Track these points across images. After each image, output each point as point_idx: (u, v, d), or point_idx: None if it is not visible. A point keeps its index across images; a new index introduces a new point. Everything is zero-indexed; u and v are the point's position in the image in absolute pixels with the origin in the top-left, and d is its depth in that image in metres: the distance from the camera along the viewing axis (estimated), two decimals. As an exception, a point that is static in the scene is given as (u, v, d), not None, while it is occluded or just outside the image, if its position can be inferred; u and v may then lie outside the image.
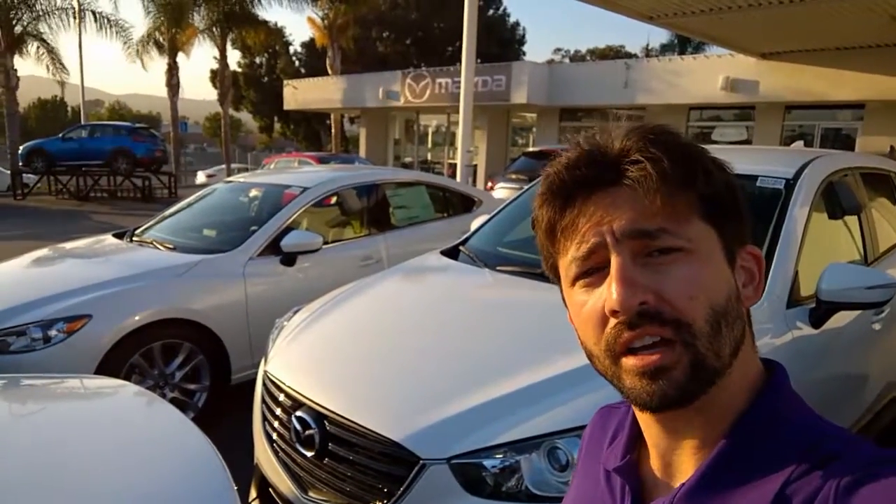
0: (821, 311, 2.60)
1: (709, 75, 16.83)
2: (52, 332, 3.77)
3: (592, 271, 0.69)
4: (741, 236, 0.72)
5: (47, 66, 23.88)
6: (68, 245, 5.44)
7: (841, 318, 2.73)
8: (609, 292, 0.66)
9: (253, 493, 2.76)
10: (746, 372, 0.70)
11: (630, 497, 0.75)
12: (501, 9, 39.42)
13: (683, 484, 0.68)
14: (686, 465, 0.71)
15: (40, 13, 23.19)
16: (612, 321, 0.67)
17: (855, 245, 3.27)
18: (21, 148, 21.44)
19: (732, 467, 0.66)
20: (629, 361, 0.67)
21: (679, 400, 0.66)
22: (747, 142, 17.40)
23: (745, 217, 0.72)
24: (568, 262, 0.72)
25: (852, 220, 3.30)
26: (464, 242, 3.69)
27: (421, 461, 2.01)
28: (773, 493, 0.62)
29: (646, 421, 0.75)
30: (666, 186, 0.66)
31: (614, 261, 0.67)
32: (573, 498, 0.87)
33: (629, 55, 40.40)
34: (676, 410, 0.68)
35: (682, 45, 37.39)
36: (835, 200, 3.17)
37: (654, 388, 0.66)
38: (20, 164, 21.28)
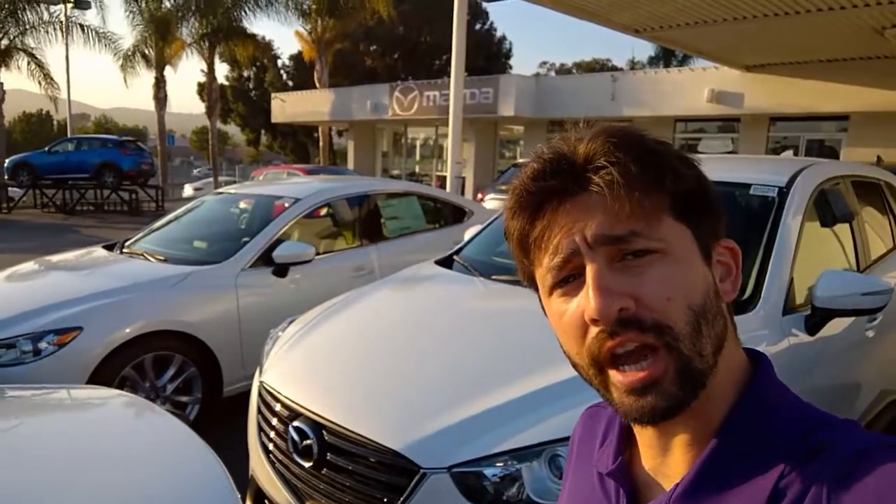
0: (816, 318, 2.62)
1: (694, 88, 16.96)
2: (42, 345, 3.73)
3: (569, 279, 0.69)
4: (715, 231, 0.71)
5: (39, 82, 23.72)
6: (56, 257, 5.38)
7: (835, 326, 2.74)
8: (587, 300, 0.65)
9: (248, 506, 2.72)
10: (731, 366, 0.70)
11: (626, 500, 0.74)
12: (488, 23, 39.65)
13: (678, 484, 0.67)
14: (679, 463, 0.70)
15: (27, 27, 23.06)
16: (594, 330, 0.66)
17: (847, 253, 3.29)
18: (6, 161, 21.27)
19: (725, 464, 0.65)
20: (616, 377, 0.66)
21: (671, 411, 0.65)
22: (732, 153, 17.54)
23: (717, 212, 0.72)
24: (544, 273, 0.71)
25: (844, 227, 3.32)
26: (458, 252, 3.69)
27: (421, 470, 2.00)
28: (770, 487, 0.62)
29: (637, 426, 0.74)
30: (634, 189, 0.65)
31: (589, 268, 0.66)
32: (567, 502, 0.86)
33: (615, 68, 40.66)
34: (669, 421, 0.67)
35: (668, 58, 37.73)
36: (827, 208, 3.19)
37: (644, 404, 0.65)
38: (5, 177, 21.10)
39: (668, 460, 0.71)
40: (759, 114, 16.63)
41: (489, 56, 37.78)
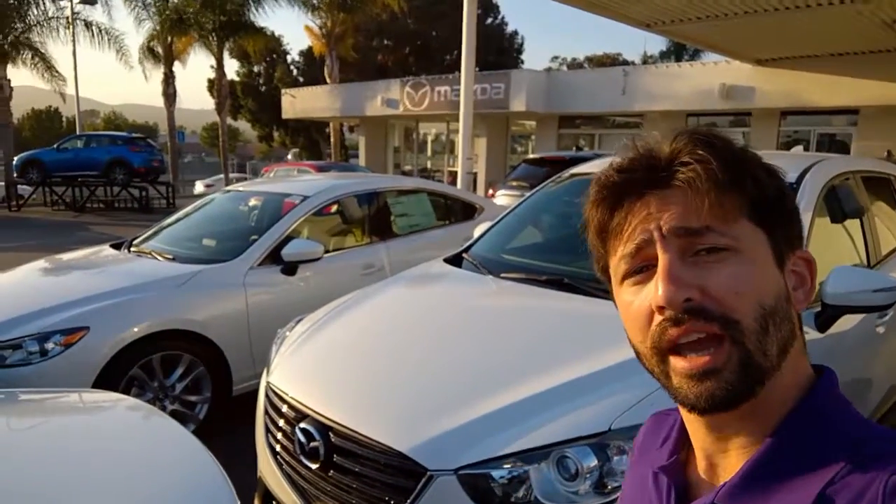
0: (826, 314, 2.59)
1: (705, 82, 16.86)
2: (49, 345, 3.71)
3: (641, 269, 0.71)
4: (791, 240, 0.73)
5: (43, 75, 23.55)
6: (65, 256, 5.39)
7: (845, 322, 2.72)
8: (655, 288, 0.67)
9: (256, 507, 2.72)
10: (797, 375, 0.71)
11: (675, 496, 0.76)
12: (499, 17, 39.55)
13: (726, 483, 0.68)
14: (731, 465, 0.71)
15: (32, 23, 22.97)
16: (658, 318, 0.68)
17: (857, 248, 3.27)
18: (15, 159, 21.15)
19: (775, 467, 0.66)
20: (679, 363, 0.68)
21: (727, 401, 0.66)
22: (744, 148, 17.40)
23: (795, 222, 0.74)
24: (617, 261, 0.74)
25: (854, 223, 3.30)
26: (467, 250, 3.66)
27: (428, 472, 1.99)
28: (816, 492, 0.62)
29: (692, 423, 0.75)
30: (714, 187, 0.67)
31: (661, 258, 0.68)
32: (624, 502, 0.89)
33: (627, 63, 40.46)
34: (723, 414, 0.68)
35: (679, 52, 37.51)
36: (837, 204, 3.17)
37: (702, 390, 0.66)
38: (14, 175, 21.02)
39: (721, 462, 0.73)
40: (770, 108, 16.54)
41: (500, 50, 37.70)
